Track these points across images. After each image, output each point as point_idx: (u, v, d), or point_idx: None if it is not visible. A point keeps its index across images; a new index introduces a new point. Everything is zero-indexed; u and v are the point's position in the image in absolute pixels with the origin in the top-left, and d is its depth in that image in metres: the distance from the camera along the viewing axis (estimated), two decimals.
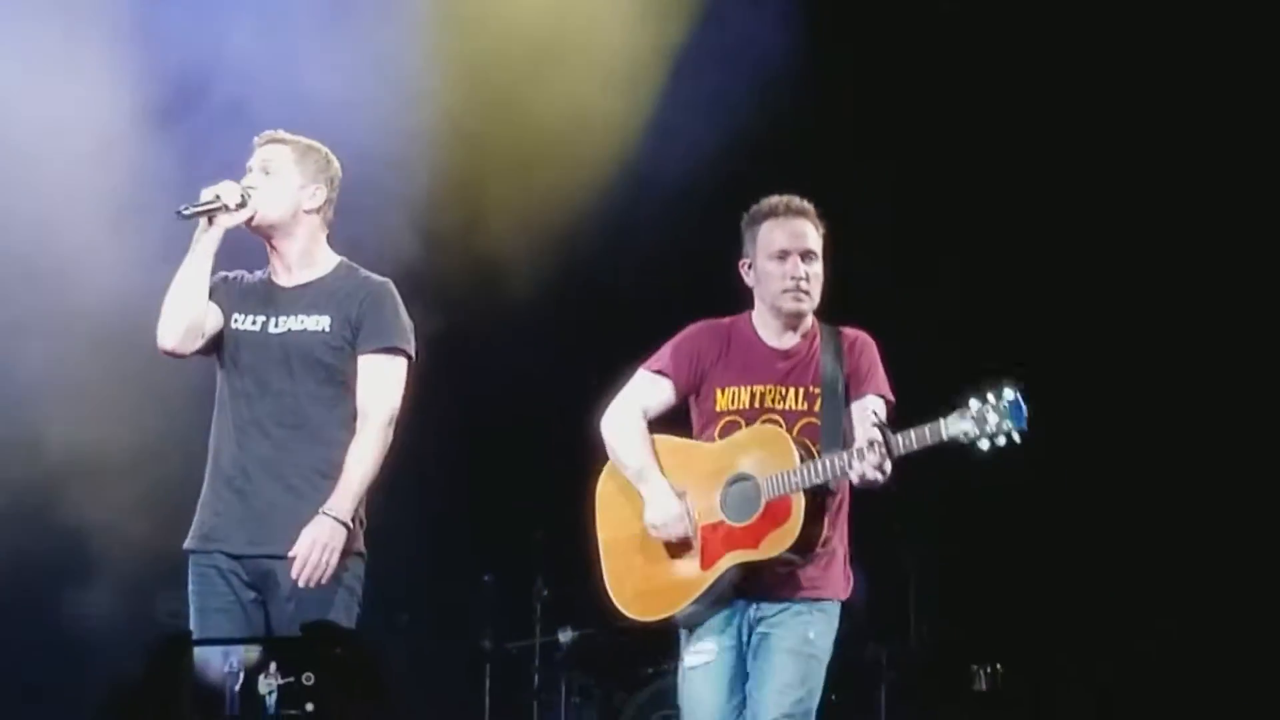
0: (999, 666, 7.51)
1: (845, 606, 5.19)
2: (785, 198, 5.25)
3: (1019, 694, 7.69)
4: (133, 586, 7.24)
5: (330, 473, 5.00)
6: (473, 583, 8.26)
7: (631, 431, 5.28)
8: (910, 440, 4.86)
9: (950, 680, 7.80)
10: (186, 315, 5.02)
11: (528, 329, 7.93)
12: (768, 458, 5.09)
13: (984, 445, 4.78)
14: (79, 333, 6.90)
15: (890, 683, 7.81)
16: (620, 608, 5.26)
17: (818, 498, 5.06)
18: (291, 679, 3.87)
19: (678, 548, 5.18)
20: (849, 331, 5.27)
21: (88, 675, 6.69)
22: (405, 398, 5.10)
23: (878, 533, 7.33)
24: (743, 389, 5.20)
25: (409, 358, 5.13)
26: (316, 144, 5.20)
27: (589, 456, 5.39)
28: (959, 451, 7.03)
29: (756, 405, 5.19)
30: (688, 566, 5.17)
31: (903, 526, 7.84)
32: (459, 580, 8.20)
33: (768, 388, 5.18)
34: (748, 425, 5.18)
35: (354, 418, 5.06)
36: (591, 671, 8.11)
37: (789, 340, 5.24)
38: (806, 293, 5.19)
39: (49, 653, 7.27)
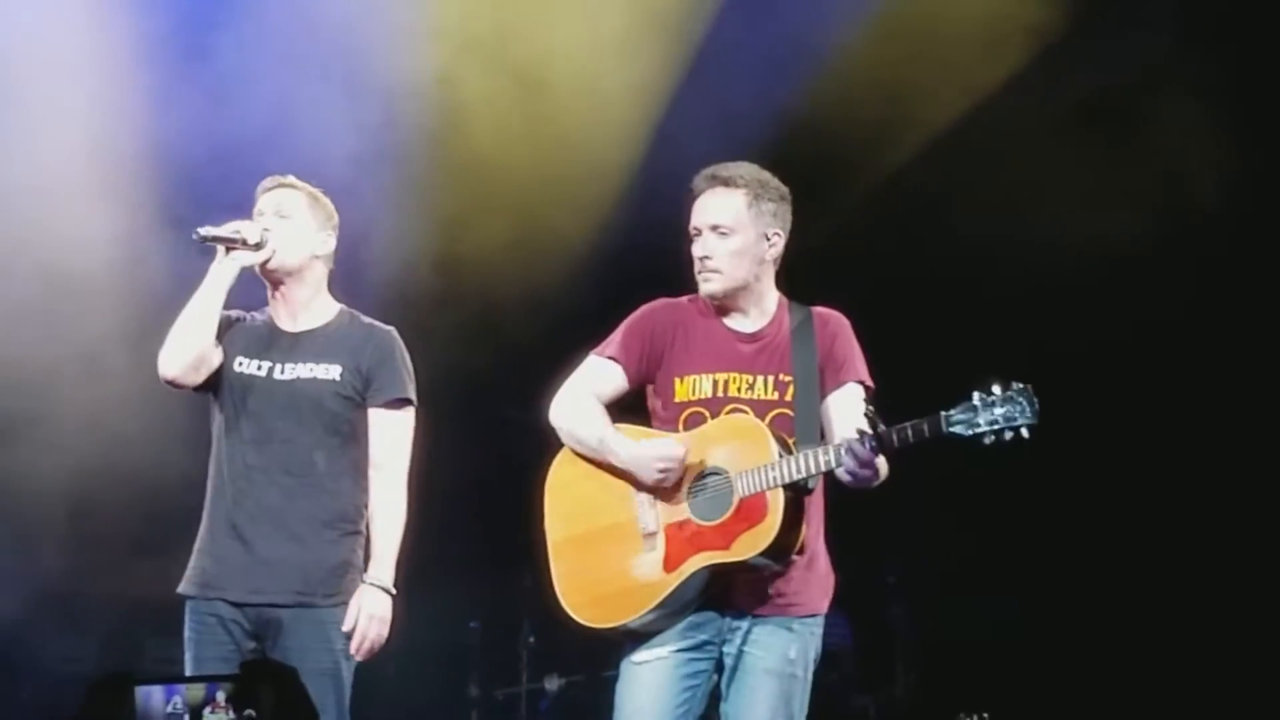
0: (986, 715, 7.59)
1: (832, 655, 5.09)
2: (707, 169, 5.04)
3: None
4: (120, 634, 7.49)
5: (333, 522, 5.22)
6: (460, 629, 8.45)
7: (586, 408, 4.98)
8: (906, 434, 4.54)
9: None
10: (194, 347, 5.16)
11: (516, 368, 7.91)
12: (741, 450, 4.77)
13: (988, 440, 4.48)
14: (77, 365, 7.14)
15: None
16: (572, 614, 4.94)
17: (798, 496, 4.75)
18: (234, 717, 3.90)
19: (638, 548, 4.86)
20: (821, 311, 5.01)
21: None
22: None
23: (864, 582, 7.64)
24: (704, 377, 4.92)
25: (415, 406, 5.33)
26: (320, 193, 5.38)
27: None
28: (948, 494, 7.25)
29: (721, 394, 4.90)
30: (649, 569, 4.83)
31: (891, 576, 8.10)
32: (446, 627, 8.35)
33: (732, 375, 4.91)
34: (713, 417, 4.88)
35: (357, 467, 5.26)
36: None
37: (752, 322, 4.99)
38: (715, 271, 4.94)
39: (36, 706, 7.46)
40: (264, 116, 7.14)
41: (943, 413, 4.54)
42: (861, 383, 4.93)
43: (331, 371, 5.25)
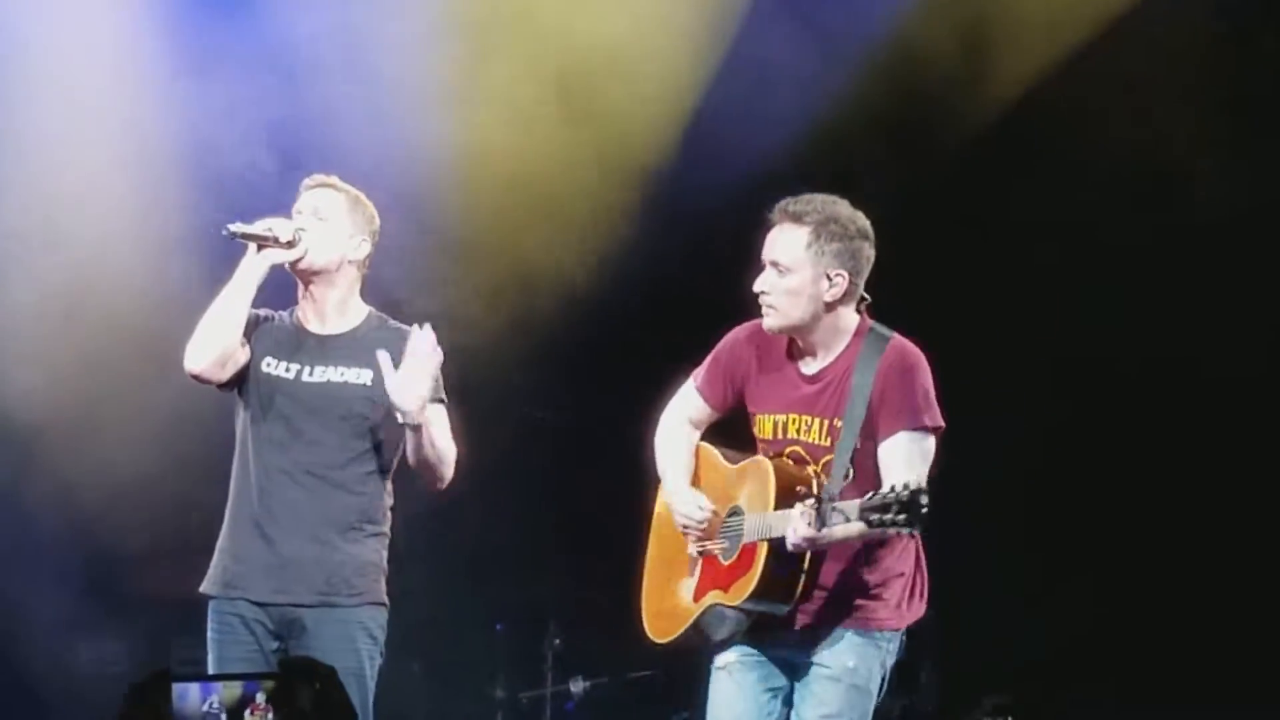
0: (1010, 718, 7.64)
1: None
2: (782, 201, 4.97)
3: None
4: (147, 634, 7.52)
5: (358, 523, 5.24)
6: (485, 631, 8.40)
7: (668, 439, 5.16)
8: (842, 514, 4.64)
9: None
10: (221, 342, 5.17)
11: (545, 368, 8.08)
12: (755, 494, 4.88)
13: (890, 531, 4.63)
14: (107, 366, 7.18)
15: None
16: (644, 626, 5.18)
17: (785, 547, 4.76)
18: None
19: (685, 572, 5.03)
20: (893, 348, 4.91)
21: None
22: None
23: None
24: (767, 417, 4.97)
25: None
26: (364, 196, 5.37)
27: (606, 503, 5.39)
28: (972, 497, 7.24)
29: (781, 436, 4.93)
30: (685, 594, 5.04)
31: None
32: (471, 629, 8.35)
33: (792, 416, 4.93)
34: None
35: (383, 469, 5.28)
36: None
37: (817, 361, 4.95)
38: (772, 308, 4.91)
39: (63, 705, 7.47)
40: (296, 121, 7.21)
41: (860, 501, 4.63)
42: (919, 429, 4.86)
43: (363, 376, 5.26)
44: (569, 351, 8.03)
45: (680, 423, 5.17)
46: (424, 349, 5.13)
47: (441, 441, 5.24)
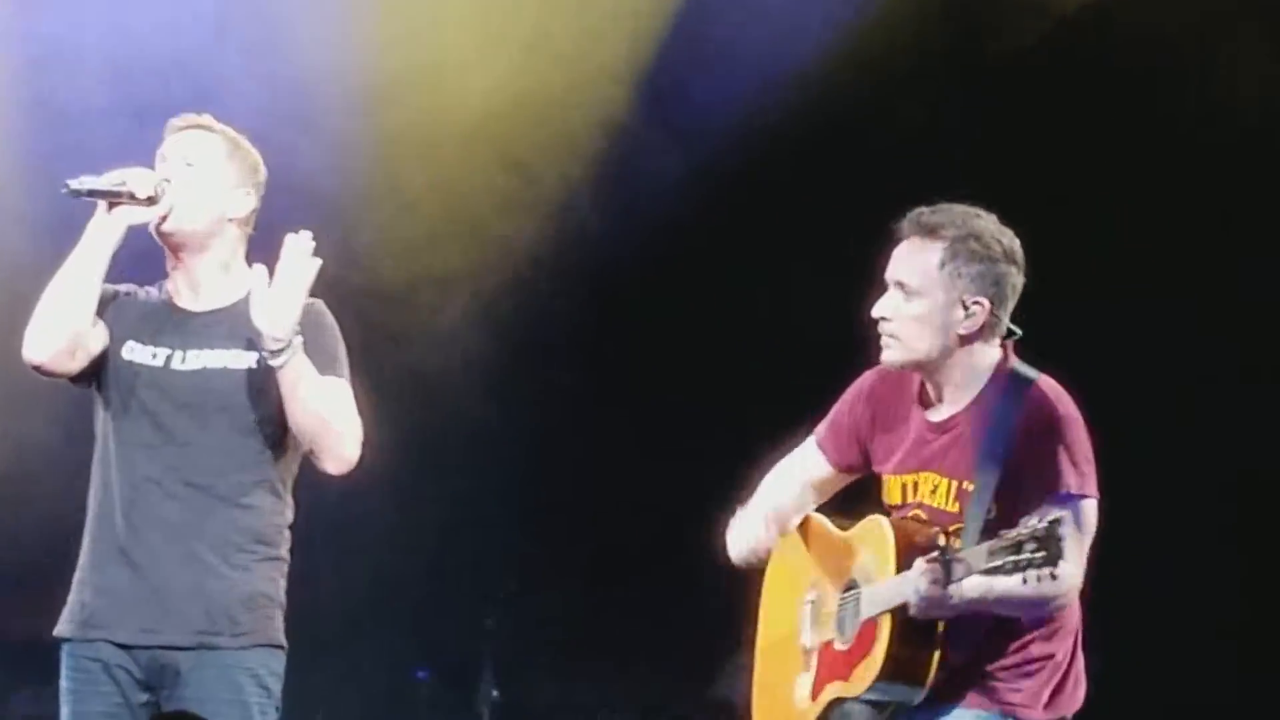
0: None
1: None
2: (915, 210, 4.58)
3: None
4: None
5: (246, 545, 4.76)
6: (404, 680, 8.17)
7: (761, 502, 4.72)
8: (966, 565, 4.24)
9: None
10: (67, 325, 4.73)
11: (474, 374, 7.72)
12: (873, 560, 4.48)
13: (1026, 577, 4.14)
14: None
15: None
16: None
17: (923, 620, 4.37)
18: None
19: (799, 667, 4.65)
20: (1038, 391, 4.49)
21: None
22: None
23: None
24: (894, 479, 4.57)
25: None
26: (244, 140, 4.95)
27: (561, 519, 4.91)
28: None
29: (908, 500, 4.54)
30: (802, 693, 4.61)
31: None
32: (387, 676, 8.07)
33: (921, 475, 4.53)
34: None
35: (278, 476, 4.84)
36: None
37: (947, 407, 4.53)
38: (892, 336, 4.48)
39: None
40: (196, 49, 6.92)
41: (988, 544, 4.19)
42: (1071, 498, 4.37)
43: (245, 359, 4.80)
44: (528, 345, 7.74)
45: (790, 479, 4.75)
46: (297, 256, 4.69)
47: (338, 413, 4.75)
